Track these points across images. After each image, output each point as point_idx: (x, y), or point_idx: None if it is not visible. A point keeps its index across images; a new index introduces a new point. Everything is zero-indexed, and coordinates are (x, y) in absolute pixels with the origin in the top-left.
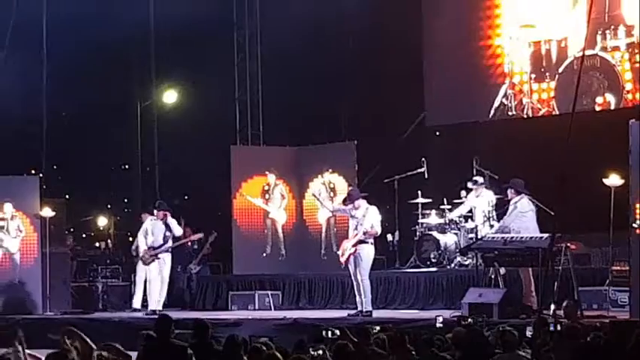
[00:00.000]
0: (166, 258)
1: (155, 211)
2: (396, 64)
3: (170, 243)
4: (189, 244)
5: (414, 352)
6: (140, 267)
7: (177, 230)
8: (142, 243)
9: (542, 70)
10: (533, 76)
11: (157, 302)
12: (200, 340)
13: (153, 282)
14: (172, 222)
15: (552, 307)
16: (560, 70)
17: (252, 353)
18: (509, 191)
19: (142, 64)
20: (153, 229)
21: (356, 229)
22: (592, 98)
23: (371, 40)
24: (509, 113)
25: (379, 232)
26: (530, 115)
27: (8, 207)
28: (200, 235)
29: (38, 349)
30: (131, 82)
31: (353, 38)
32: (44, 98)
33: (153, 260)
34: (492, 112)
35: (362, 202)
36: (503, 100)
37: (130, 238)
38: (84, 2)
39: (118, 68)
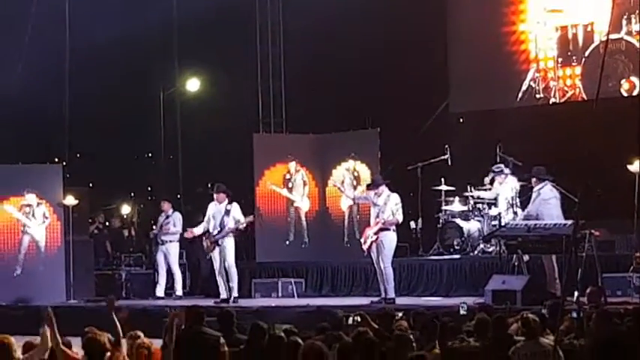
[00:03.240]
0: (227, 243)
1: (215, 195)
2: (420, 51)
3: (227, 227)
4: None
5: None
6: (160, 255)
7: (239, 217)
8: (198, 229)
9: (569, 54)
10: (560, 60)
11: (227, 290)
12: (225, 328)
13: (219, 271)
14: (235, 207)
15: (576, 293)
16: (587, 54)
17: (275, 340)
18: (532, 180)
19: (165, 52)
20: (214, 215)
21: (378, 216)
22: (618, 81)
23: (395, 27)
24: (537, 96)
25: (401, 219)
26: (558, 98)
27: (31, 197)
28: (251, 219)
29: (63, 336)
30: (154, 70)
31: (377, 26)
32: (67, 87)
33: (214, 248)
34: (520, 95)
35: (384, 189)
36: (531, 83)
37: (154, 227)
38: None
39: (141, 56)
